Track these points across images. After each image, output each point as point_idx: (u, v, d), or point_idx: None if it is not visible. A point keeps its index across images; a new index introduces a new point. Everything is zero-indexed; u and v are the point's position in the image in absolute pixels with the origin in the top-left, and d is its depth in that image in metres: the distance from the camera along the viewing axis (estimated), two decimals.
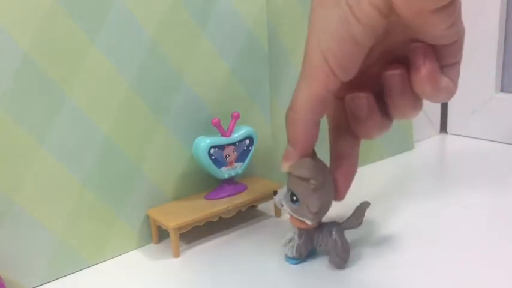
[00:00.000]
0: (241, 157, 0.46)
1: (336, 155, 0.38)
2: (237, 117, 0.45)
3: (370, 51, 0.31)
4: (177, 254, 0.42)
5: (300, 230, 0.38)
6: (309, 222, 0.36)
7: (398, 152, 0.64)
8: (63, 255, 0.40)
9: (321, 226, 0.38)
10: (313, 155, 0.36)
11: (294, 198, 0.36)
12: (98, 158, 0.40)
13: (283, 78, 0.51)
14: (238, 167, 0.46)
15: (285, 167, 0.36)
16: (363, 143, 0.38)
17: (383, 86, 0.34)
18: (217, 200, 0.45)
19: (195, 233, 0.44)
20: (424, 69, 0.31)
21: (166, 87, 0.43)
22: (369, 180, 0.54)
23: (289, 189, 0.36)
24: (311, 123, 0.33)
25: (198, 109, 0.45)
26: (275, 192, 0.40)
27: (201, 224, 0.43)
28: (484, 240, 0.41)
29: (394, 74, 0.32)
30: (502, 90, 0.67)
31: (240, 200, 0.45)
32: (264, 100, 0.50)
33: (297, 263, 0.39)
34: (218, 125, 0.44)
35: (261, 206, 0.50)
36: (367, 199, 0.38)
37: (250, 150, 0.46)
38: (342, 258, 0.37)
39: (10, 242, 0.37)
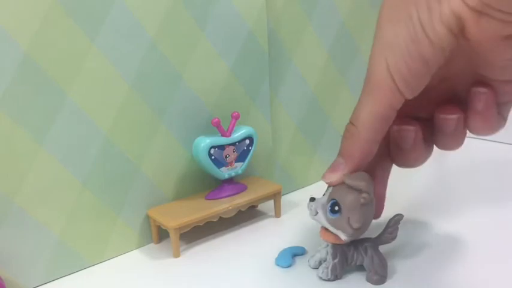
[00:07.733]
0: (241, 157, 0.46)
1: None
2: (237, 117, 0.45)
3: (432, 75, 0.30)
4: (177, 254, 0.42)
5: (335, 248, 0.36)
6: (343, 238, 0.34)
7: None
8: (63, 255, 0.40)
9: (354, 243, 0.36)
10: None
11: (336, 208, 0.34)
12: (98, 158, 0.40)
13: (283, 79, 0.51)
14: (238, 167, 0.46)
15: (332, 177, 0.34)
16: None
17: (433, 121, 0.33)
18: (217, 200, 0.45)
19: (195, 233, 0.44)
20: (484, 117, 0.31)
21: (166, 87, 0.43)
22: None
23: (331, 199, 0.34)
24: (372, 142, 0.32)
25: (198, 109, 0.45)
26: (312, 199, 0.36)
27: (201, 224, 0.43)
28: (485, 240, 0.41)
29: (450, 119, 0.32)
30: None
31: (240, 200, 0.45)
32: (264, 100, 0.50)
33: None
34: (218, 125, 0.44)
35: (261, 206, 0.50)
36: None
37: (250, 150, 0.46)
38: (381, 275, 0.36)
39: (10, 242, 0.37)
